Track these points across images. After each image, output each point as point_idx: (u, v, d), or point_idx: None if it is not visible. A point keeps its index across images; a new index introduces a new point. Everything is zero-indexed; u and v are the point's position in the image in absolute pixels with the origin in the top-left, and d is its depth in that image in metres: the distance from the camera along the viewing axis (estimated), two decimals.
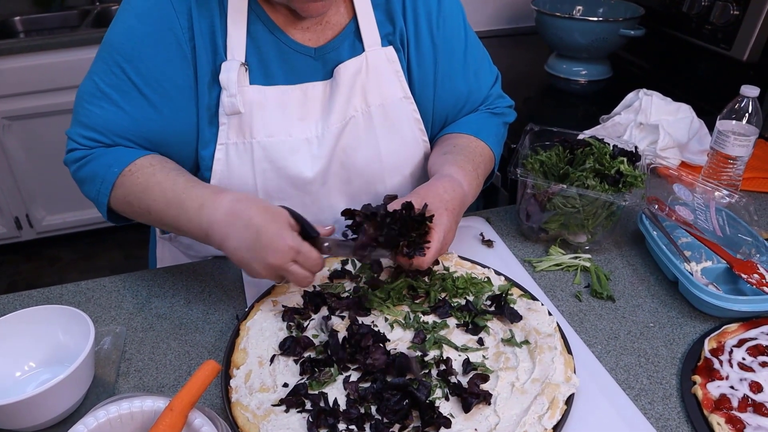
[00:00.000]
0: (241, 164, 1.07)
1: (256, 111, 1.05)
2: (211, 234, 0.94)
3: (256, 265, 0.91)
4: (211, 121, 1.05)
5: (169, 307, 1.06)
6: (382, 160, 1.15)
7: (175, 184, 0.99)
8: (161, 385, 0.91)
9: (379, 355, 0.89)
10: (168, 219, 0.99)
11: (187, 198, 0.97)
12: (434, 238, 0.97)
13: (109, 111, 1.02)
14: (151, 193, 0.99)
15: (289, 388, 0.86)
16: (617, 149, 1.19)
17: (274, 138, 1.07)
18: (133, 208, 1.02)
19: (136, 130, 1.03)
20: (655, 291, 1.11)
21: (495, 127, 1.25)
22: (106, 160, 1.02)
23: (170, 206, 0.98)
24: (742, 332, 1.00)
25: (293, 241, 0.90)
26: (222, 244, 0.93)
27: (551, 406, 0.83)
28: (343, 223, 0.98)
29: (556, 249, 1.19)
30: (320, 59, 1.09)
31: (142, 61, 1.00)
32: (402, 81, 1.13)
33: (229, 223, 0.92)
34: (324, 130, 1.09)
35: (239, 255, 0.92)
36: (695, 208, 1.18)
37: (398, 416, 0.80)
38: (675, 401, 0.90)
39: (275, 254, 0.90)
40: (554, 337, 0.95)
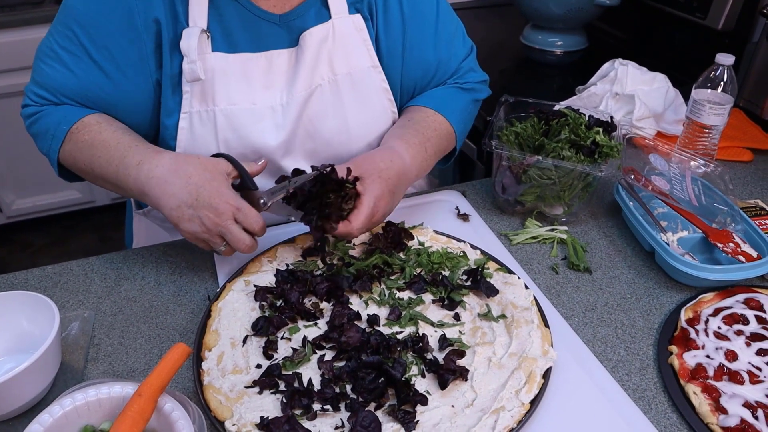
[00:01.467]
0: (205, 133, 1.05)
1: (218, 78, 1.03)
2: (148, 191, 0.93)
3: (195, 223, 0.90)
4: (175, 90, 1.04)
5: (139, 289, 1.04)
6: (349, 130, 1.13)
7: (119, 142, 0.99)
8: (131, 370, 0.89)
9: (353, 333, 0.87)
10: (109, 176, 0.99)
11: (128, 154, 0.96)
12: (363, 203, 0.96)
13: (59, 72, 1.02)
14: (95, 150, 0.99)
15: (262, 369, 0.85)
16: (593, 119, 1.18)
17: (237, 106, 1.05)
18: (79, 164, 1.02)
19: (84, 93, 1.03)
20: (631, 262, 1.10)
21: (462, 103, 1.23)
22: (55, 117, 1.03)
23: (111, 163, 0.97)
24: (718, 301, 1.00)
25: (233, 199, 0.90)
26: (159, 201, 0.92)
27: (528, 380, 0.83)
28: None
29: (532, 221, 1.17)
30: (285, 26, 1.06)
31: (94, 28, 0.99)
32: (370, 50, 1.11)
33: (168, 181, 0.92)
34: (289, 99, 1.07)
35: (178, 213, 0.91)
36: (671, 177, 1.18)
37: (374, 395, 0.79)
38: (652, 372, 0.90)
39: (214, 212, 0.89)
40: (531, 311, 0.94)
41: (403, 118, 1.17)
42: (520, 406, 0.80)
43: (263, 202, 0.93)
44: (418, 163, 1.09)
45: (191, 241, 0.94)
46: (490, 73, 1.29)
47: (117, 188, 1.01)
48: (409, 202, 1.23)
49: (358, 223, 0.96)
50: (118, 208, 3.04)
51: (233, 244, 0.92)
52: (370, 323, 0.92)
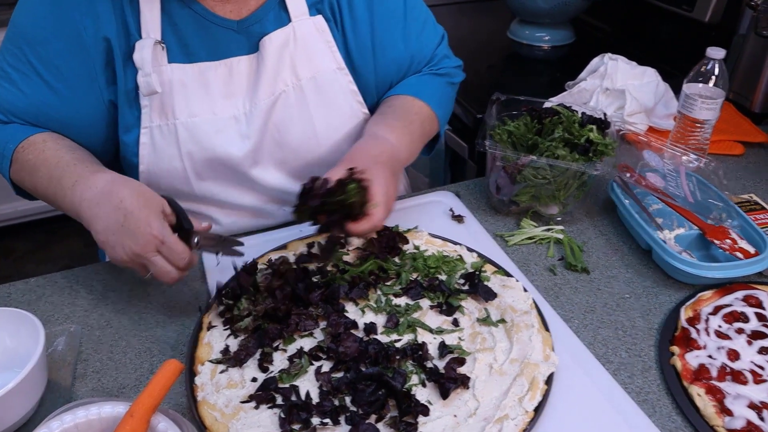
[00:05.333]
0: (167, 147, 1.02)
1: (177, 90, 0.99)
2: (81, 212, 0.91)
3: (119, 250, 0.87)
4: (132, 105, 1.00)
5: (127, 301, 1.00)
6: (318, 135, 1.09)
7: (59, 161, 0.96)
8: (122, 386, 0.86)
9: (350, 343, 0.85)
10: (48, 197, 0.98)
11: (64, 175, 0.94)
12: (377, 192, 0.94)
13: (7, 90, 0.99)
14: (38, 171, 0.97)
15: (258, 382, 0.82)
16: (586, 117, 1.16)
17: (197, 117, 1.01)
18: (25, 184, 1.01)
19: (34, 112, 1.00)
20: (629, 261, 1.09)
21: (438, 87, 1.21)
22: (2, 136, 1.00)
23: (50, 183, 0.95)
24: (717, 299, 0.99)
25: (159, 231, 0.86)
26: (89, 223, 0.90)
27: (531, 386, 0.81)
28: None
29: (527, 221, 1.16)
30: (244, 32, 1.02)
31: (41, 46, 0.96)
32: (334, 51, 1.07)
33: (99, 203, 0.89)
34: (252, 107, 1.04)
35: (103, 237, 0.88)
36: (665, 174, 1.17)
37: (374, 407, 0.77)
38: (654, 373, 0.89)
39: (138, 241, 0.86)
40: (531, 315, 0.92)
41: (383, 106, 1.15)
42: (524, 414, 0.78)
43: (196, 241, 0.91)
44: (405, 145, 1.08)
45: (119, 265, 0.91)
46: (477, 69, 1.28)
47: (58, 209, 0.98)
48: (402, 204, 1.21)
49: (380, 213, 0.94)
50: None
51: (157, 275, 0.88)
52: (367, 332, 0.90)
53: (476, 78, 1.80)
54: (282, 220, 1.17)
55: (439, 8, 2.27)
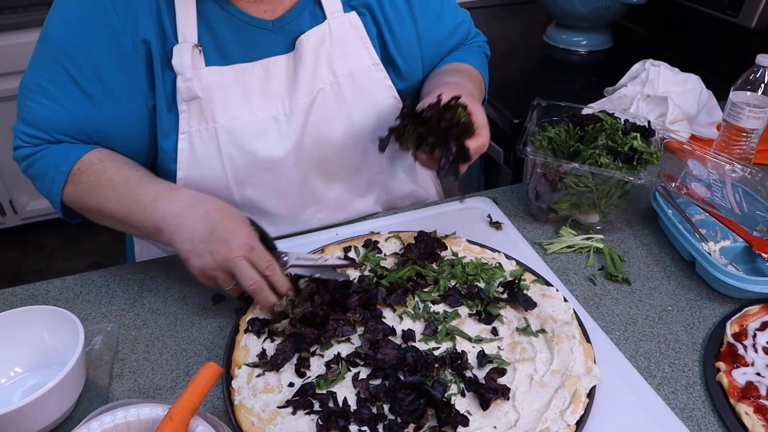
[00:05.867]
0: (207, 152, 1.01)
1: (216, 94, 0.98)
2: (164, 226, 0.90)
3: (206, 258, 0.87)
4: (170, 110, 0.99)
5: (163, 301, 1.00)
6: (357, 131, 1.09)
7: (128, 180, 0.95)
8: (158, 387, 0.86)
9: (389, 350, 0.84)
10: (119, 215, 0.94)
11: (140, 192, 0.93)
12: (479, 116, 0.96)
13: (48, 108, 0.96)
14: (102, 190, 0.95)
15: (295, 387, 0.81)
16: (629, 124, 1.14)
17: (238, 120, 1.00)
18: (84, 206, 0.98)
19: (77, 126, 0.97)
20: (671, 272, 1.06)
21: (479, 56, 1.25)
22: (53, 158, 0.97)
23: (121, 202, 0.94)
24: (765, 314, 0.96)
25: (249, 238, 0.87)
26: (173, 236, 0.89)
27: (573, 399, 0.79)
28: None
29: (567, 230, 1.14)
30: (279, 32, 1.02)
31: (80, 56, 0.93)
32: (369, 48, 1.07)
33: (185, 215, 0.89)
34: (292, 107, 1.03)
35: (189, 246, 0.88)
36: (710, 184, 1.13)
37: (414, 416, 0.76)
38: (699, 390, 0.86)
39: (228, 245, 0.86)
40: (572, 325, 0.90)
41: (436, 71, 1.17)
42: (566, 428, 0.76)
43: (285, 261, 0.91)
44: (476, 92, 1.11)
45: (200, 279, 0.90)
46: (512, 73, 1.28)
47: (128, 227, 0.97)
48: (439, 209, 1.20)
49: (487, 133, 0.96)
50: None
51: (241, 280, 0.87)
52: (405, 339, 0.88)
53: (511, 82, 1.78)
54: (319, 225, 1.16)
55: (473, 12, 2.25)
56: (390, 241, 1.08)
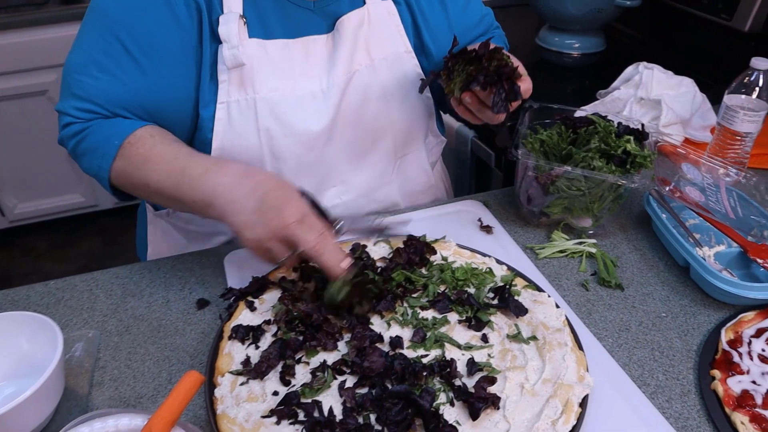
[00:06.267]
0: (245, 123, 1.02)
1: (257, 65, 1.00)
2: (215, 200, 0.88)
3: (259, 229, 0.85)
4: (212, 79, 1.00)
5: (147, 307, 0.98)
6: (390, 115, 1.13)
7: (178, 154, 0.94)
8: (139, 396, 0.83)
9: (376, 358, 0.82)
10: (167, 190, 0.93)
11: (189, 165, 0.92)
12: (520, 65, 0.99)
13: (102, 80, 0.96)
14: (151, 164, 0.94)
15: (279, 396, 0.79)
16: (622, 127, 1.12)
17: (277, 93, 1.02)
18: (132, 180, 0.96)
19: (132, 98, 0.98)
20: (665, 277, 1.05)
21: (501, 38, 1.31)
22: (105, 132, 0.96)
23: (170, 175, 0.92)
24: (760, 321, 0.94)
25: (301, 205, 0.86)
26: (225, 209, 0.87)
27: (565, 409, 0.77)
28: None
29: (559, 234, 1.12)
30: (320, 12, 1.05)
31: (135, 27, 0.95)
32: (403, 35, 1.11)
33: (236, 188, 0.87)
34: (329, 84, 1.06)
35: (242, 218, 0.86)
36: (705, 188, 1.12)
37: (401, 427, 0.74)
38: (694, 398, 0.84)
39: (281, 213, 0.84)
40: (564, 332, 0.88)
41: None
42: None
43: (339, 227, 0.90)
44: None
45: (254, 253, 0.88)
46: None
47: (175, 202, 0.95)
48: (428, 213, 1.18)
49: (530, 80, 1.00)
50: (123, 212, 2.99)
51: (299, 245, 0.85)
52: (392, 346, 0.86)
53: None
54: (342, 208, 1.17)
55: None
56: (378, 245, 1.06)
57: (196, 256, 1.08)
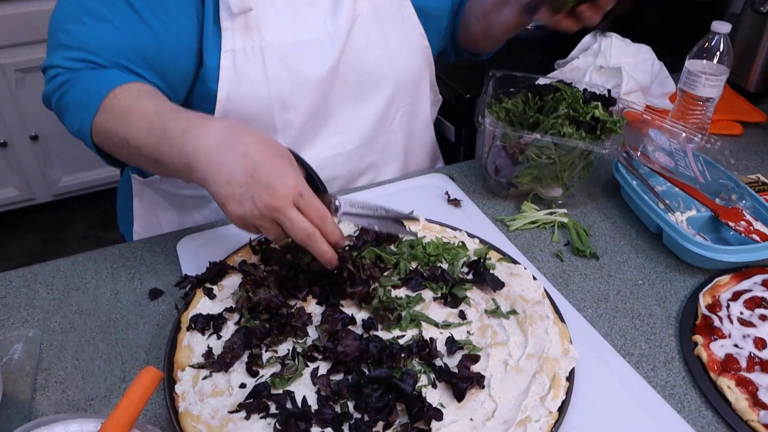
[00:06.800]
0: (251, 71, 0.98)
1: (262, 11, 0.97)
2: (195, 163, 0.77)
3: (248, 205, 0.75)
4: (215, 25, 0.96)
5: (93, 301, 0.89)
6: (393, 60, 1.12)
7: (161, 109, 0.84)
8: (90, 398, 0.75)
9: (350, 341, 0.76)
10: (147, 148, 0.83)
11: (171, 121, 0.81)
12: None
13: (95, 27, 0.89)
14: (133, 119, 0.84)
15: (247, 389, 0.72)
16: (588, 93, 1.09)
17: (284, 39, 1.00)
18: (111, 137, 0.86)
19: (130, 45, 0.90)
20: (638, 245, 1.02)
21: None
22: (91, 83, 0.88)
23: (151, 132, 0.82)
24: (735, 284, 0.93)
25: (297, 182, 0.76)
26: (206, 176, 0.76)
27: (553, 384, 0.73)
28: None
29: (528, 205, 1.08)
30: None
31: None
32: None
33: (220, 152, 0.76)
34: (335, 29, 1.04)
35: (227, 190, 0.75)
36: (673, 152, 1.10)
37: (383, 413, 0.68)
38: (678, 365, 0.82)
39: (274, 192, 0.74)
40: (544, 305, 0.84)
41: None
42: (548, 415, 0.70)
43: (336, 206, 0.80)
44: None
45: (238, 225, 0.79)
46: None
47: (157, 164, 0.84)
48: (393, 188, 1.13)
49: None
50: (63, 206, 2.83)
51: (291, 232, 0.76)
52: (366, 328, 0.81)
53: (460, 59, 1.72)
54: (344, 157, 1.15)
55: None
56: (343, 224, 1.00)
57: (145, 243, 0.99)
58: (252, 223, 0.77)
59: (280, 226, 0.77)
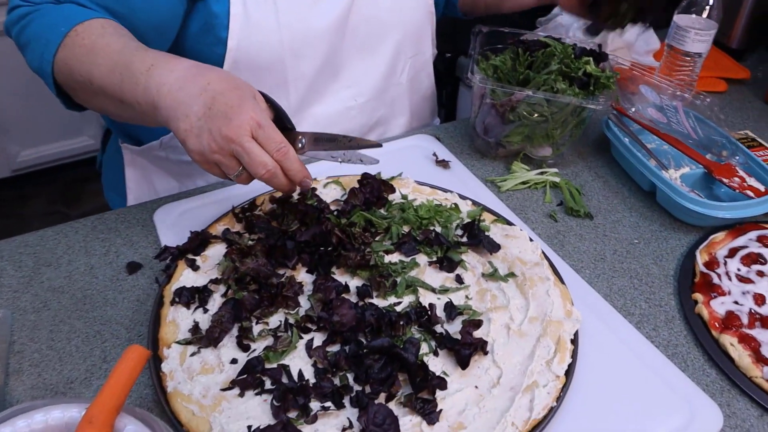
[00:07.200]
0: (263, 18, 0.94)
1: None
2: (159, 101, 0.74)
3: (205, 138, 0.72)
4: None
5: (67, 276, 0.83)
6: (400, 11, 1.08)
7: (125, 47, 0.79)
8: (69, 381, 0.70)
9: (346, 310, 0.72)
10: (110, 88, 0.78)
11: (134, 60, 0.77)
12: None
13: None
14: (96, 56, 0.79)
15: (239, 364, 0.68)
16: (578, 49, 1.05)
17: None
18: (74, 76, 0.81)
19: None
20: (631, 203, 1.00)
21: None
22: (53, 18, 0.82)
23: (114, 71, 0.77)
24: (730, 241, 0.92)
25: (255, 113, 0.72)
26: (169, 111, 0.73)
27: (558, 347, 0.71)
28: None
29: (519, 165, 1.05)
30: None
31: None
32: None
33: (182, 87, 0.73)
34: None
35: (186, 125, 0.72)
36: (664, 109, 1.08)
37: (386, 385, 0.65)
38: (679, 324, 0.81)
39: (230, 123, 0.71)
40: (542, 266, 0.82)
41: None
42: (555, 380, 0.68)
43: (302, 143, 0.78)
44: None
45: (201, 165, 0.75)
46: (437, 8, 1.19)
47: (120, 105, 0.80)
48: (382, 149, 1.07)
49: None
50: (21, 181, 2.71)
51: (250, 167, 0.73)
52: (360, 296, 0.77)
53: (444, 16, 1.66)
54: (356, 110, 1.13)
55: None
56: (329, 188, 0.95)
57: (119, 214, 0.93)
58: (211, 159, 0.74)
59: (239, 162, 0.74)
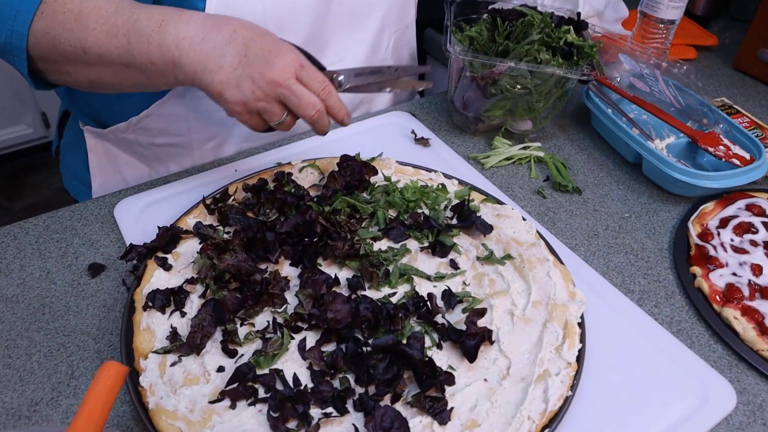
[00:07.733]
0: None
1: None
2: (180, 57, 0.68)
3: (247, 86, 0.67)
4: None
5: (20, 284, 0.74)
6: None
7: (120, 6, 0.71)
8: (33, 403, 0.62)
9: (339, 305, 0.66)
10: (112, 54, 0.70)
11: (140, 18, 0.70)
12: None
13: None
14: (87, 22, 0.70)
15: (227, 372, 0.62)
16: (556, 18, 1.01)
17: None
18: (61, 47, 0.71)
19: None
20: (617, 176, 0.97)
21: None
22: None
23: (115, 34, 0.70)
24: (720, 210, 0.90)
25: (295, 54, 0.69)
26: (196, 68, 0.68)
27: (567, 332, 0.67)
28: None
29: (500, 140, 1.00)
30: None
31: None
32: None
33: (206, 38, 0.68)
34: None
35: (222, 76, 0.67)
36: (644, 77, 1.05)
37: (393, 385, 0.60)
38: (680, 299, 0.78)
39: (274, 66, 0.67)
40: (540, 246, 0.78)
41: None
42: (567, 367, 0.64)
43: (340, 81, 0.74)
44: None
45: (240, 118, 0.71)
46: None
47: (124, 72, 0.72)
48: (355, 128, 1.01)
49: None
50: None
51: (299, 109, 0.69)
52: (352, 288, 0.72)
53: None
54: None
55: None
56: (305, 172, 0.89)
57: (74, 211, 0.84)
58: (255, 107, 0.70)
59: (285, 107, 0.70)
